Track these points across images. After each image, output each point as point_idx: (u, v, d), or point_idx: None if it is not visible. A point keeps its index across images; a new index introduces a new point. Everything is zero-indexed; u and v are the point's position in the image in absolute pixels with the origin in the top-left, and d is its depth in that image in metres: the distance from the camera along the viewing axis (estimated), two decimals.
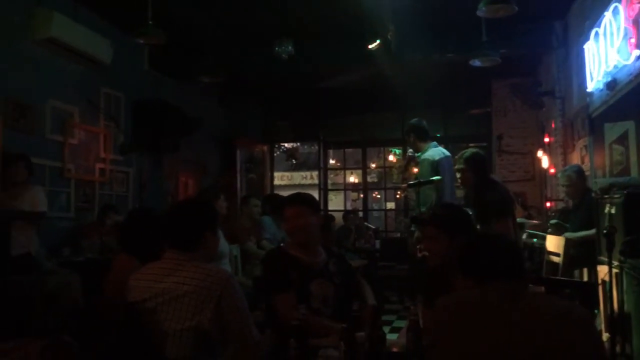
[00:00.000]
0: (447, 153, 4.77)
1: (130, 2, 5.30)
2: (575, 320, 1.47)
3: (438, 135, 8.80)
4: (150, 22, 4.88)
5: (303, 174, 17.46)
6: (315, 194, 10.00)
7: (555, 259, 4.12)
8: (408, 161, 4.95)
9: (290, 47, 5.76)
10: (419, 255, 3.52)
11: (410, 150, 4.89)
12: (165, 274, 2.11)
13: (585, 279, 4.42)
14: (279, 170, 13.34)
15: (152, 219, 2.86)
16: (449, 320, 1.59)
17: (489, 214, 3.45)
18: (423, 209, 4.17)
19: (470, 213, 3.61)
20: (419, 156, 4.72)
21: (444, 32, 6.43)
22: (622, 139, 4.67)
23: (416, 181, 4.27)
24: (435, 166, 4.45)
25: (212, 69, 6.16)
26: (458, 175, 3.79)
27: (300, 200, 2.83)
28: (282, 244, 3.27)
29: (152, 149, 7.17)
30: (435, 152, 4.68)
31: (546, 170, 7.76)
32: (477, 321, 1.53)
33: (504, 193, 3.65)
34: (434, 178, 4.18)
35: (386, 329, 4.29)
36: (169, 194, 7.79)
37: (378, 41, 6.35)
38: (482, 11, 4.46)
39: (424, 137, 4.82)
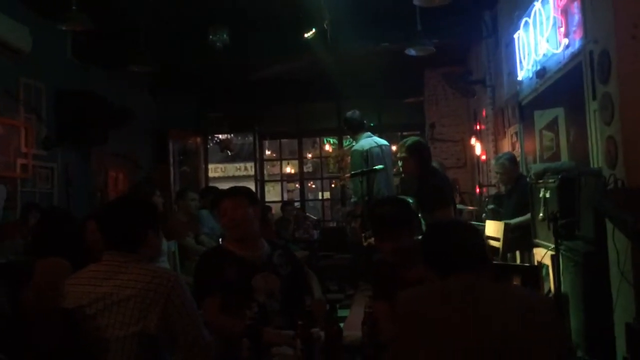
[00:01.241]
0: (382, 142, 4.88)
1: None
2: (541, 309, 1.47)
3: (372, 124, 8.88)
4: (74, 7, 4.57)
5: (237, 165, 17.19)
6: (251, 185, 9.86)
7: (495, 243, 4.24)
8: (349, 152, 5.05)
9: (225, 36, 5.59)
10: (365, 243, 3.52)
11: (353, 142, 4.99)
12: (106, 277, 1.96)
13: (518, 261, 4.58)
14: (212, 162, 13.06)
15: (70, 219, 2.73)
16: (411, 314, 1.55)
17: (432, 202, 3.48)
18: (354, 199, 4.22)
19: (411, 201, 3.65)
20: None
21: (380, 22, 6.45)
22: (552, 126, 4.85)
23: (359, 171, 4.28)
24: (365, 156, 4.56)
25: (142, 58, 5.88)
26: (400, 163, 3.80)
27: (236, 192, 2.75)
28: (221, 240, 3.18)
29: (78, 142, 6.81)
30: (366, 142, 4.82)
31: (478, 157, 7.98)
32: (441, 313, 1.50)
33: (446, 181, 3.70)
34: (377, 167, 4.19)
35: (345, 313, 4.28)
36: (98, 189, 7.43)
37: (314, 30, 6.29)
38: (418, 0, 4.48)
39: (357, 129, 4.93)
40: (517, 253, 4.65)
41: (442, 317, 1.50)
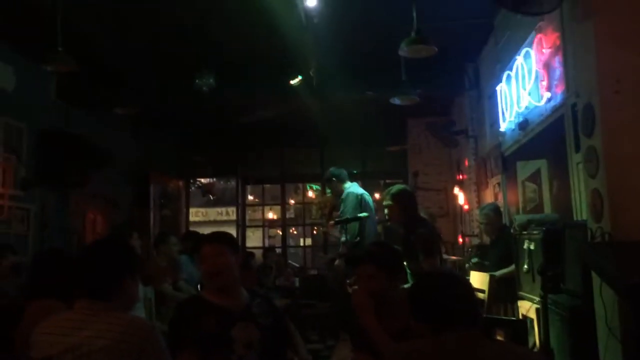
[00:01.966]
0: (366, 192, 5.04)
1: (38, 26, 4.95)
2: None
3: (355, 172, 8.93)
4: (59, 49, 4.55)
5: (219, 209, 17.06)
6: (233, 230, 9.74)
7: (480, 295, 4.18)
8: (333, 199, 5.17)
9: (211, 80, 5.61)
10: (350, 290, 3.44)
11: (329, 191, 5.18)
12: (77, 326, 1.85)
13: (502, 314, 4.51)
14: (194, 206, 12.91)
15: (65, 259, 2.60)
16: None
17: (418, 251, 3.43)
18: (345, 239, 4.24)
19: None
20: (344, 194, 4.88)
21: (365, 71, 6.55)
22: (535, 177, 4.88)
23: (343, 218, 4.24)
24: (360, 200, 4.58)
25: (126, 100, 5.86)
26: (386, 211, 3.76)
27: (219, 238, 2.65)
28: (200, 288, 3.08)
29: (58, 183, 6.67)
30: (357, 188, 4.96)
31: (461, 207, 8.00)
32: None
33: (432, 230, 3.67)
34: (360, 215, 4.16)
35: None
36: (76, 232, 7.25)
37: (300, 77, 6.36)
38: (404, 51, 4.54)
39: (344, 179, 5.14)
40: (501, 306, 4.59)
41: None
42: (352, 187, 5.14)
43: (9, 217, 5.93)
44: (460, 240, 7.88)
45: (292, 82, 6.29)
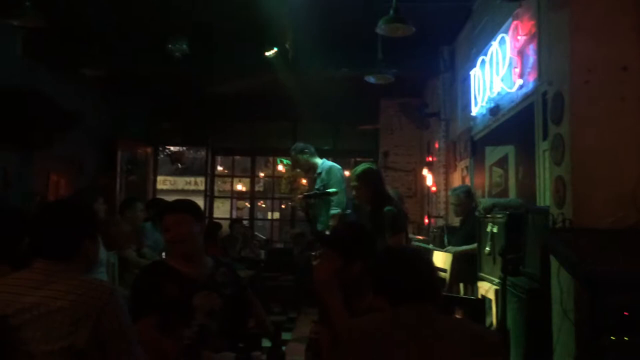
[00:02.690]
0: None
1: None
2: (490, 346, 1.45)
3: (326, 148, 8.92)
4: (27, 3, 4.38)
5: (187, 179, 16.88)
6: (201, 200, 9.67)
7: (442, 274, 4.26)
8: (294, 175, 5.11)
9: (184, 46, 5.47)
10: (314, 263, 3.45)
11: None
12: (34, 286, 1.81)
13: (462, 294, 4.62)
14: (162, 174, 12.75)
15: (19, 219, 2.50)
16: (361, 343, 1.49)
17: (385, 228, 3.47)
18: (336, 211, 4.24)
19: None
20: (320, 168, 4.83)
21: (341, 47, 6.51)
22: (502, 162, 4.96)
23: (314, 192, 4.25)
24: (342, 174, 4.63)
25: (96, 61, 5.69)
26: (353, 192, 3.78)
27: (182, 207, 2.63)
28: (164, 255, 3.05)
29: (20, 143, 6.49)
30: (333, 163, 4.90)
31: (429, 188, 8.10)
32: (392, 344, 1.45)
33: (399, 208, 3.70)
34: (330, 190, 4.16)
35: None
36: (38, 194, 7.08)
37: (275, 49, 6.28)
38: (381, 29, 4.52)
39: (315, 154, 5.04)
40: (461, 285, 4.70)
41: (395, 347, 1.45)
42: (329, 162, 5.05)
43: None
44: (427, 221, 8.00)
45: (267, 53, 6.21)
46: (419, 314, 1.51)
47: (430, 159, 8.09)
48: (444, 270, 4.24)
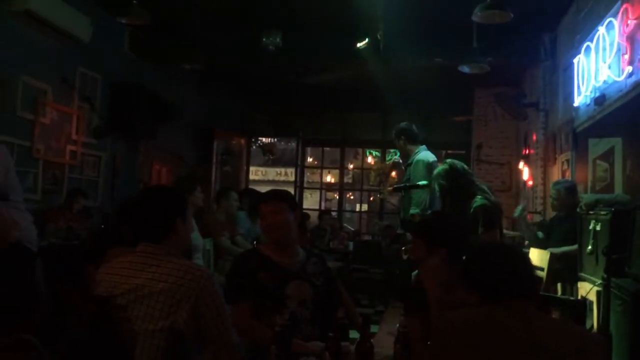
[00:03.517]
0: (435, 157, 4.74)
1: None
2: (592, 348, 1.37)
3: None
4: (134, 2, 4.67)
5: (278, 170, 17.27)
6: (291, 191, 9.87)
7: (540, 273, 4.07)
8: (392, 166, 4.92)
9: (278, 39, 5.61)
10: (404, 257, 3.43)
11: (396, 156, 4.86)
12: (139, 269, 1.95)
13: (559, 294, 4.39)
14: (254, 165, 13.14)
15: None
16: (454, 339, 1.46)
17: (477, 223, 3.37)
18: (416, 210, 4.10)
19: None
20: (411, 158, 4.66)
21: (434, 36, 6.35)
22: (607, 156, 4.64)
23: (402, 184, 4.18)
24: (430, 168, 4.34)
25: (194, 56, 5.96)
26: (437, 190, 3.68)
27: (279, 196, 2.70)
28: (256, 243, 3.14)
29: (128, 134, 6.95)
30: (429, 154, 4.63)
31: (524, 183, 7.76)
32: (487, 341, 1.41)
33: (493, 202, 3.57)
34: (420, 182, 4.09)
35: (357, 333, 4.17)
36: (142, 181, 7.56)
37: (367, 40, 6.25)
38: (477, 16, 4.38)
39: (414, 140, 4.77)
40: (559, 285, 4.46)
41: (489, 344, 1.41)
42: (422, 153, 4.69)
43: (81, 163, 6.24)
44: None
45: (358, 44, 6.19)
46: (515, 312, 1.45)
47: (527, 151, 7.74)
48: (541, 269, 4.04)
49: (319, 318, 2.54)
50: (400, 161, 4.82)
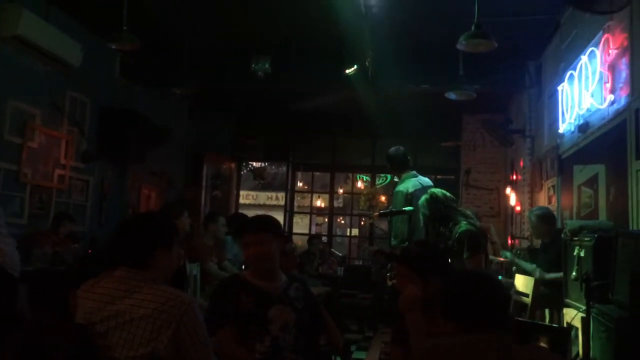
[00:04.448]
0: (427, 182, 4.68)
1: (105, 5, 5.14)
2: None
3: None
4: (124, 28, 4.71)
5: (269, 194, 17.28)
6: (281, 215, 9.86)
7: (524, 299, 4.08)
8: (381, 191, 4.93)
9: (267, 65, 5.68)
10: (389, 283, 3.44)
11: (387, 181, 4.87)
12: (120, 295, 1.93)
13: (547, 320, 4.39)
14: (244, 189, 13.14)
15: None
16: None
17: (462, 248, 3.39)
18: (394, 242, 4.09)
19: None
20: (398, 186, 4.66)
21: (422, 63, 6.45)
22: (592, 182, 4.70)
23: (387, 210, 4.19)
24: (409, 199, 4.31)
25: (185, 80, 6.00)
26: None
27: (262, 226, 2.68)
28: (242, 268, 3.14)
29: (117, 158, 6.95)
30: (411, 183, 4.56)
31: (512, 208, 7.81)
32: None
33: (478, 227, 3.60)
34: (406, 208, 4.10)
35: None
36: (131, 206, 7.53)
37: (355, 66, 6.33)
38: (462, 45, 4.43)
39: (401, 167, 4.74)
40: (547, 312, 4.46)
41: None
42: (405, 182, 4.62)
43: (69, 187, 6.22)
44: (510, 242, 7.69)
45: (347, 71, 6.27)
46: (493, 341, 1.46)
47: (515, 177, 7.81)
48: (526, 295, 4.05)
49: (301, 344, 2.53)
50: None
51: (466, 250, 3.43)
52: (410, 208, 4.11)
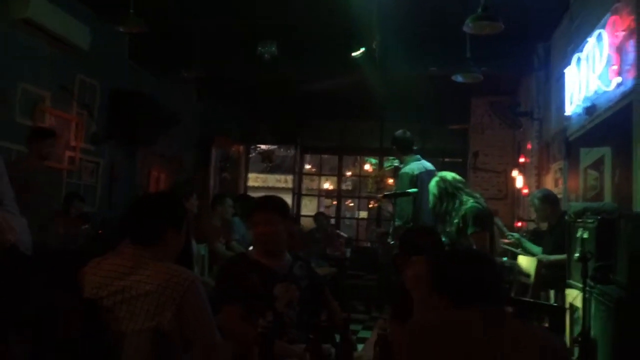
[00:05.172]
0: (430, 167, 4.73)
1: None
2: (555, 353, 1.42)
3: (414, 147, 8.82)
4: (131, 11, 4.75)
5: (277, 177, 17.32)
6: (289, 198, 9.93)
7: (526, 279, 4.12)
8: (394, 171, 4.96)
9: (273, 48, 5.68)
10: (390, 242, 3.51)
11: (397, 161, 4.87)
12: (127, 272, 2.00)
13: (552, 301, 4.43)
14: (253, 172, 13.21)
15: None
16: (426, 341, 1.51)
17: (466, 224, 3.43)
18: (399, 222, 4.13)
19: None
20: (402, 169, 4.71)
21: (429, 46, 6.43)
22: (598, 165, 4.70)
23: (392, 192, 4.23)
24: (415, 181, 4.37)
25: (193, 64, 6.03)
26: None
27: (270, 206, 2.75)
28: (249, 248, 3.20)
29: (127, 141, 7.01)
30: (416, 166, 4.62)
31: (519, 191, 7.81)
32: (458, 345, 1.46)
33: (485, 206, 3.64)
34: (410, 190, 4.14)
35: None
36: (140, 188, 7.62)
37: (362, 49, 6.32)
38: (468, 27, 4.43)
39: (406, 149, 4.79)
40: (552, 292, 4.50)
41: (460, 348, 1.45)
42: (410, 164, 4.67)
43: (79, 168, 6.30)
44: (518, 224, 7.70)
45: (354, 54, 6.26)
46: (485, 316, 1.50)
47: (522, 160, 7.79)
48: (528, 276, 4.09)
49: (305, 321, 2.60)
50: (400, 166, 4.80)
51: (471, 226, 3.48)
52: (415, 190, 4.15)
